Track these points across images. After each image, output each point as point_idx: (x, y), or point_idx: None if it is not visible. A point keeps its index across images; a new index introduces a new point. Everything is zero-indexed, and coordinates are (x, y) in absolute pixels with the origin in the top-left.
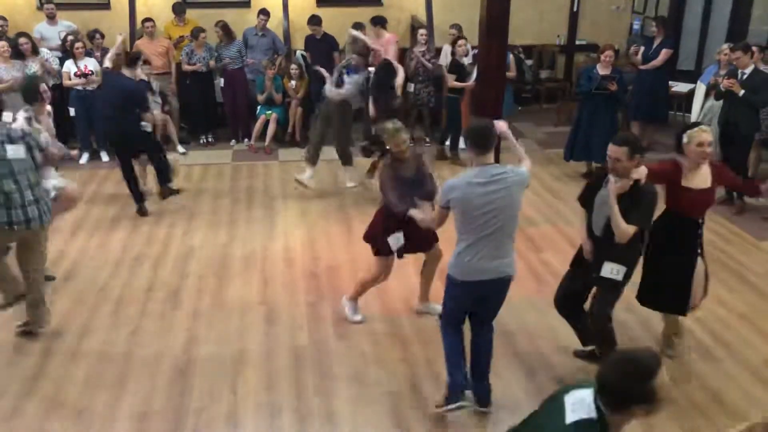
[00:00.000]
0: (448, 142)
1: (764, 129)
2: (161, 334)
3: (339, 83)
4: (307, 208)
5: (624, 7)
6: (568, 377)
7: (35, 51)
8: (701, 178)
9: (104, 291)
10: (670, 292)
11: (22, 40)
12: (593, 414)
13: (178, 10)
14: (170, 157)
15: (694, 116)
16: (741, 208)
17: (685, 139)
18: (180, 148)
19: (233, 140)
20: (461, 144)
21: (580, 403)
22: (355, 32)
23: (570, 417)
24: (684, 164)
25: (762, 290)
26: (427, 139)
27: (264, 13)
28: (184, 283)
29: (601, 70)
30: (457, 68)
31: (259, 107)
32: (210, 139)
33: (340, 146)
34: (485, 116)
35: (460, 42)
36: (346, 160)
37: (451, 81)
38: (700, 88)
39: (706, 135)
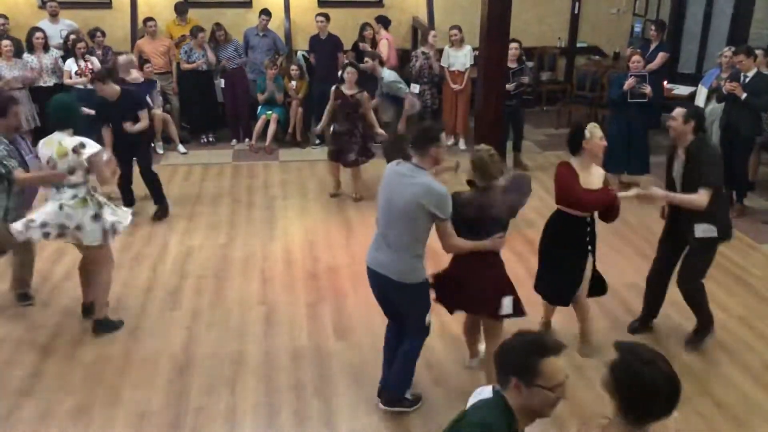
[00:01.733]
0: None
1: (766, 132)
2: (160, 333)
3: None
4: (307, 209)
5: (625, 9)
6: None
7: (47, 47)
8: (595, 178)
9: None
10: (558, 283)
11: (38, 34)
12: (489, 396)
13: (180, 9)
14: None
15: None
16: (741, 210)
17: (587, 135)
18: (181, 148)
19: (234, 140)
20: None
21: (478, 395)
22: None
23: (471, 401)
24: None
25: (761, 293)
26: None
27: (265, 13)
28: (183, 283)
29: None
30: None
31: (259, 107)
32: (211, 139)
33: None
34: (487, 119)
35: (513, 45)
36: None
37: None
38: (701, 92)
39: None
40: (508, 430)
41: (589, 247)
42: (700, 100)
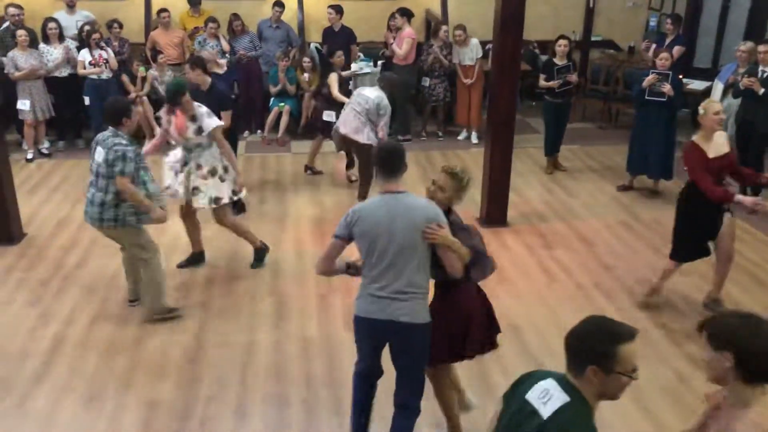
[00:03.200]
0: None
1: None
2: (172, 323)
3: None
4: (319, 201)
5: (640, 3)
6: None
7: (61, 37)
8: (720, 145)
9: (115, 279)
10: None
11: (52, 24)
12: (566, 397)
13: (194, 1)
14: None
15: None
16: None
17: (701, 111)
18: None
19: (246, 131)
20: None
21: (545, 394)
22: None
23: (545, 411)
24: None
25: None
26: (440, 134)
27: (279, 5)
28: (195, 273)
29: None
30: (547, 68)
31: (272, 99)
32: None
33: None
34: (500, 112)
35: (561, 42)
36: None
37: (541, 81)
38: (717, 87)
39: (717, 105)
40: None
41: (725, 206)
42: (716, 96)
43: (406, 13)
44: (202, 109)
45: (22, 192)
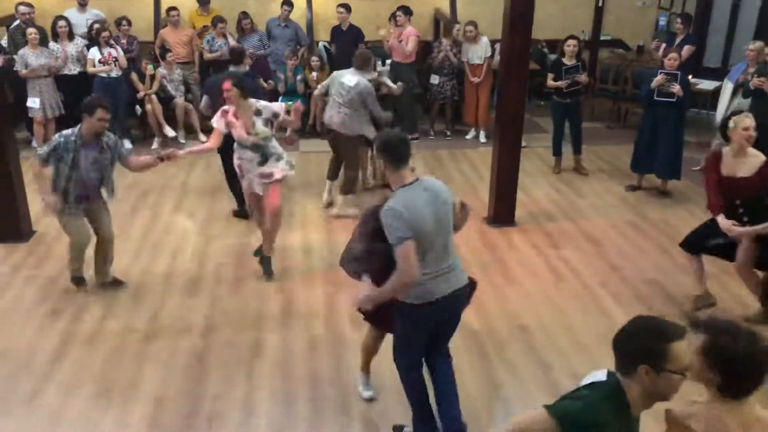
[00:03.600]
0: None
1: None
2: (179, 320)
3: None
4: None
5: (650, 2)
6: (585, 373)
7: (71, 36)
8: (746, 166)
9: (124, 277)
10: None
11: (61, 23)
12: (604, 377)
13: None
14: None
15: (719, 115)
16: None
17: (731, 125)
18: (202, 137)
19: None
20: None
21: (592, 375)
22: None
23: (584, 382)
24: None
25: None
26: (448, 133)
27: (287, 3)
28: (202, 271)
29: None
30: (556, 68)
31: (280, 98)
32: None
33: None
34: (508, 111)
35: (570, 42)
36: None
37: (549, 80)
38: (727, 86)
39: (749, 120)
40: (616, 419)
41: (745, 219)
42: (725, 96)
43: (409, 12)
44: (260, 103)
45: (32, 189)
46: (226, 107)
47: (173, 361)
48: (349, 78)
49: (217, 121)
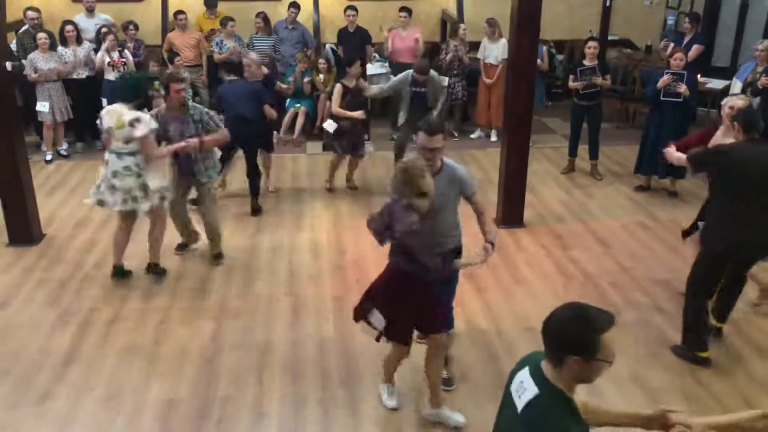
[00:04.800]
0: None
1: None
2: (189, 323)
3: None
4: (334, 202)
5: (658, 1)
6: None
7: (80, 40)
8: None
9: (134, 279)
10: None
11: (69, 27)
12: (535, 389)
13: (210, 2)
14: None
15: None
16: None
17: (722, 102)
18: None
19: None
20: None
21: (520, 387)
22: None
23: (519, 404)
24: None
25: None
26: (456, 134)
27: (294, 6)
28: (211, 273)
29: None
30: (574, 69)
31: (288, 100)
32: None
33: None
34: (516, 112)
35: (591, 44)
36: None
37: (570, 82)
38: (736, 85)
39: (738, 101)
40: (574, 421)
41: None
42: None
43: (411, 12)
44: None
45: (42, 193)
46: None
47: (183, 364)
48: None
49: None
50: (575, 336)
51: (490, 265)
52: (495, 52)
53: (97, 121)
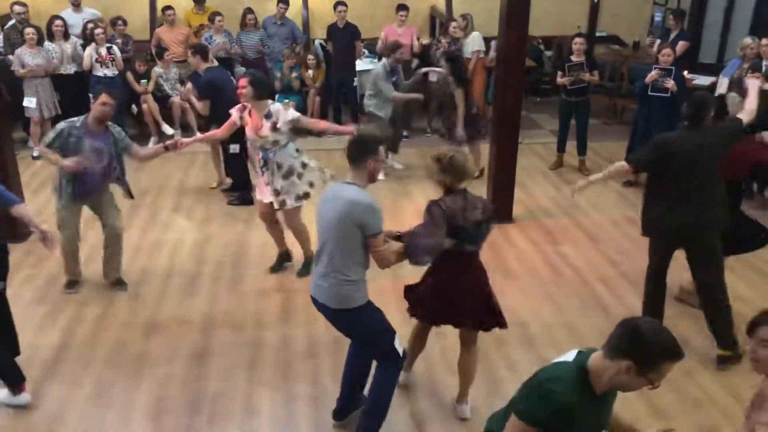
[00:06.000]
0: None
1: None
2: (179, 319)
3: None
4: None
5: None
6: None
7: (67, 35)
8: None
9: (123, 276)
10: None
11: (57, 22)
12: (570, 358)
13: None
14: None
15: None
16: (762, 202)
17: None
18: (199, 135)
19: None
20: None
21: (563, 356)
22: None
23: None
24: None
25: None
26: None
27: (283, 1)
28: (201, 269)
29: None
30: (562, 65)
31: (277, 95)
32: None
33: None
34: (504, 108)
35: (578, 40)
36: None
37: (558, 78)
38: (723, 82)
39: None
40: (579, 399)
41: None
42: (720, 91)
43: (408, 10)
44: (276, 106)
45: (29, 190)
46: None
47: (173, 361)
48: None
49: (234, 112)
50: (646, 346)
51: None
52: (468, 46)
53: None
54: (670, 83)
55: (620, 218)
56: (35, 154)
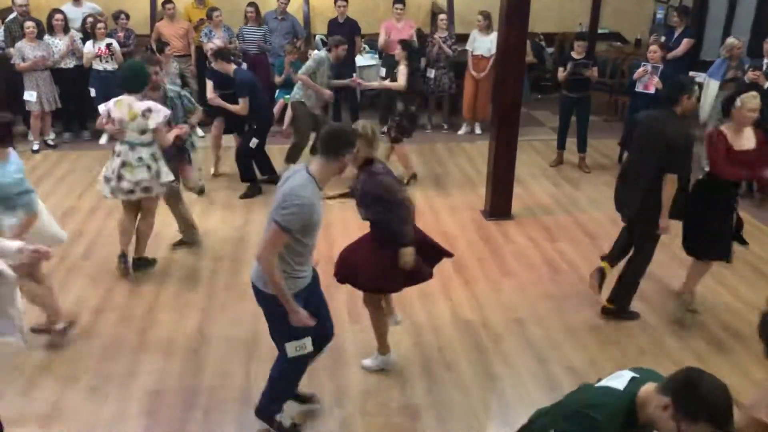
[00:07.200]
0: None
1: None
2: (176, 313)
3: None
4: (323, 192)
5: None
6: (581, 366)
7: (66, 29)
8: (746, 140)
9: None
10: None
11: (58, 16)
12: (621, 387)
13: None
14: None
15: (704, 113)
16: (761, 201)
17: (737, 104)
18: (199, 131)
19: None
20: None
21: (617, 376)
22: None
23: (601, 382)
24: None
25: None
26: (446, 126)
27: None
28: (199, 264)
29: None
30: (564, 62)
31: (277, 91)
32: None
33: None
34: (503, 104)
35: (580, 44)
36: None
37: (559, 73)
38: (710, 83)
39: (757, 101)
40: (621, 424)
41: (735, 206)
42: (709, 93)
43: (405, 4)
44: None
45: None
46: None
47: (169, 355)
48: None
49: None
50: (696, 395)
51: (478, 258)
52: (486, 44)
53: (100, 114)
54: (654, 81)
55: (618, 215)
56: (35, 147)
